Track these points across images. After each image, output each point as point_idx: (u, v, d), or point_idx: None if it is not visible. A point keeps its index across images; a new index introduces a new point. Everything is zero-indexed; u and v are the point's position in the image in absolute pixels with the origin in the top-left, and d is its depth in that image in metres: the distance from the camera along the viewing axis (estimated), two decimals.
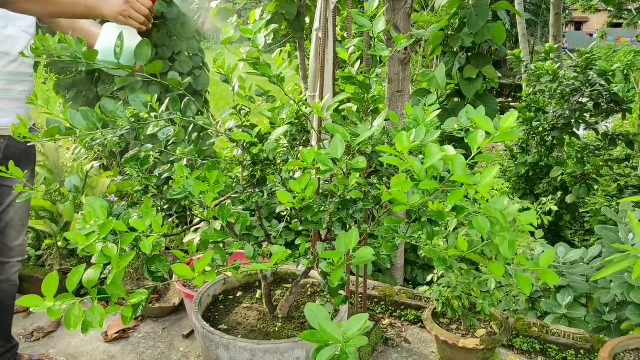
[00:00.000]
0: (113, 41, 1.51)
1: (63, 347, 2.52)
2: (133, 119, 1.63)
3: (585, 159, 5.22)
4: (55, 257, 2.94)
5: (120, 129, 1.55)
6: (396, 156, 1.21)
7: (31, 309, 1.13)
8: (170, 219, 3.09)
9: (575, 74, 4.96)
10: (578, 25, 37.89)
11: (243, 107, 1.77)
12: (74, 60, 1.44)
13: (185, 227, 2.83)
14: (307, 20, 5.54)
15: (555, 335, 2.37)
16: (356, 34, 1.94)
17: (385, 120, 1.62)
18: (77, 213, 2.85)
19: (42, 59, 1.46)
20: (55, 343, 2.56)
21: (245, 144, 1.70)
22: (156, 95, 1.75)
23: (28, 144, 2.02)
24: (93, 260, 1.23)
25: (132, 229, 1.28)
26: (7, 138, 1.94)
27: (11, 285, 2.10)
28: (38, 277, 2.89)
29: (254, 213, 3.48)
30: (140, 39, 1.64)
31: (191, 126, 1.76)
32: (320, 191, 1.71)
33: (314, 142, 2.06)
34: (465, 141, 1.38)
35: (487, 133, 1.24)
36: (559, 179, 5.11)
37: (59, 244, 2.87)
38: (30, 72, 2.02)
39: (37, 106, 1.50)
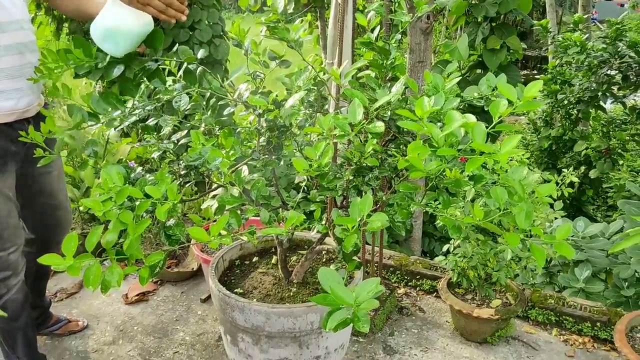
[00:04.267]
0: (119, 21, 1.38)
1: (85, 308, 2.60)
2: (149, 97, 1.61)
3: (611, 133, 5.09)
4: (77, 221, 3.01)
5: (142, 109, 1.53)
6: (415, 121, 1.19)
7: (52, 267, 1.16)
8: (188, 185, 3.12)
9: (604, 46, 4.80)
10: None
11: (258, 73, 1.75)
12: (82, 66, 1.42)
13: (202, 193, 2.86)
14: None
15: (571, 307, 2.36)
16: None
17: (405, 88, 1.59)
18: (98, 178, 2.89)
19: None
20: (78, 304, 2.64)
21: (261, 111, 1.70)
22: (173, 63, 1.75)
23: None
24: (110, 227, 1.25)
25: (148, 196, 1.29)
26: (32, 120, 1.84)
27: None
28: None
29: (272, 183, 3.50)
30: (149, 18, 1.46)
31: (208, 93, 1.76)
32: (339, 162, 1.71)
33: (331, 109, 2.05)
34: (486, 109, 1.35)
35: (510, 102, 1.22)
36: (582, 153, 5.00)
37: (81, 208, 2.93)
38: (35, 39, 1.87)
39: (59, 96, 1.47)
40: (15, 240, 1.88)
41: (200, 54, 1.68)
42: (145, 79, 1.57)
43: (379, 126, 1.35)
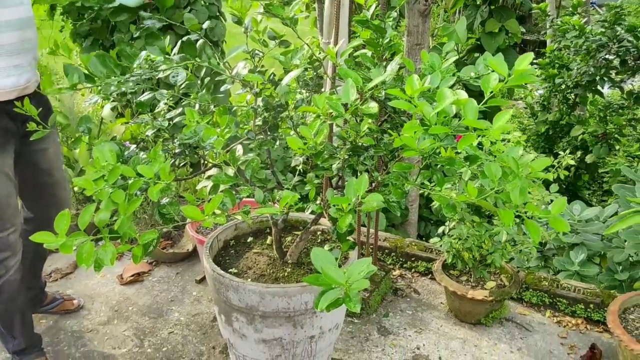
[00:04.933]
0: None
1: (80, 288, 2.60)
2: (147, 66, 1.59)
3: (608, 118, 5.08)
4: (72, 202, 3.00)
5: (139, 76, 1.51)
6: (406, 100, 1.18)
7: (45, 246, 1.15)
8: (183, 165, 3.12)
9: (603, 30, 4.77)
10: None
11: (256, 52, 1.73)
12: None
13: (197, 172, 2.85)
14: None
15: (565, 289, 2.37)
16: None
17: (401, 68, 1.58)
18: (92, 158, 2.88)
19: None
20: (72, 284, 2.64)
21: (257, 90, 1.68)
22: (168, 38, 1.73)
23: (44, 100, 2.00)
24: (101, 206, 1.24)
25: (141, 175, 1.28)
26: (31, 97, 1.78)
27: None
28: None
29: (267, 165, 3.49)
30: None
31: (203, 70, 1.74)
32: (335, 144, 1.69)
33: (327, 89, 2.03)
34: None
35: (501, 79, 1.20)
36: (579, 138, 5.00)
37: (75, 189, 2.92)
38: (33, 15, 1.87)
39: (59, 55, 1.46)
40: (14, 220, 1.88)
41: (206, 24, 1.65)
42: (144, 45, 1.55)
43: (373, 107, 1.34)
